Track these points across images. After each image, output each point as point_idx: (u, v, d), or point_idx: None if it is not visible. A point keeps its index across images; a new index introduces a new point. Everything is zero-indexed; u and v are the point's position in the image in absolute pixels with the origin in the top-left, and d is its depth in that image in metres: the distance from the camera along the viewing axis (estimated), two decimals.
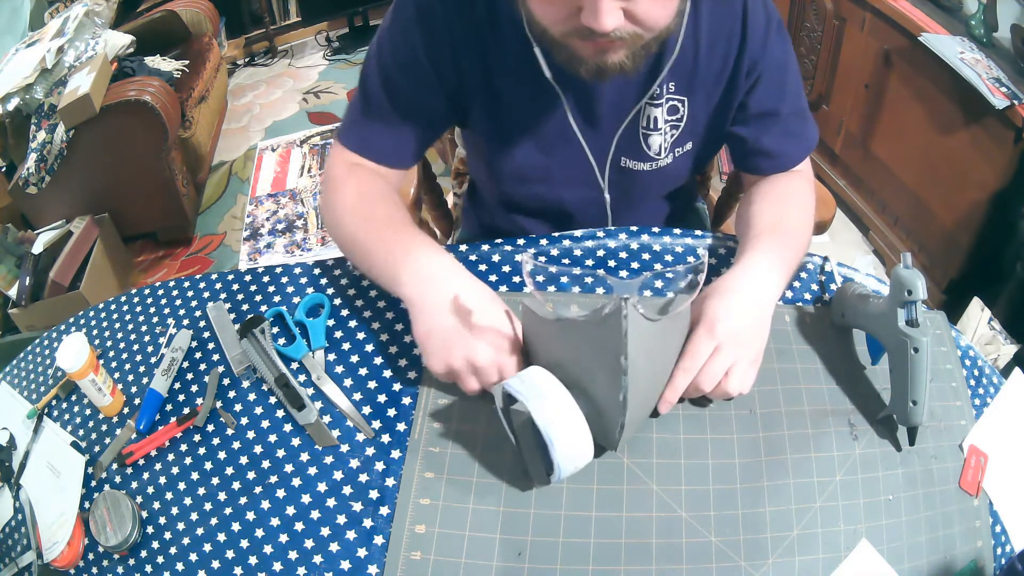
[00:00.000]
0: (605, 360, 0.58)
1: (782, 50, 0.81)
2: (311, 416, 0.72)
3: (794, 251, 0.77)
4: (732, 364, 0.66)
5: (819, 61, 2.01)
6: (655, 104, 0.81)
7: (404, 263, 0.72)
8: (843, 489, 0.65)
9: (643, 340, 0.58)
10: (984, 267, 1.62)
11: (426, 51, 0.78)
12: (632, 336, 0.56)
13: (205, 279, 0.89)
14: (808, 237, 0.82)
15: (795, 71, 0.84)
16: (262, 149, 2.74)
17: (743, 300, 0.69)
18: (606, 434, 0.62)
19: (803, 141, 0.87)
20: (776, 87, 0.82)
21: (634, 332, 0.56)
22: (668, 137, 0.84)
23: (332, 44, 3.33)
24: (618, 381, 0.57)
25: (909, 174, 1.81)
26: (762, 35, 0.79)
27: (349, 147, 0.84)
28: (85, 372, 0.73)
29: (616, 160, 0.87)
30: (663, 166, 0.87)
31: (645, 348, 0.58)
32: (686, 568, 0.61)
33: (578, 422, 0.60)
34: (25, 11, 2.44)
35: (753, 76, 0.81)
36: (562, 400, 0.60)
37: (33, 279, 1.90)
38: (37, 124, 2.09)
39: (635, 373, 0.57)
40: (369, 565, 0.63)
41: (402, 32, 0.79)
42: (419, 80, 0.80)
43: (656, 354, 0.63)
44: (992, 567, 0.65)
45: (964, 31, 1.62)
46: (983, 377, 0.77)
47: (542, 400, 0.60)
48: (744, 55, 0.79)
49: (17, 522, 0.74)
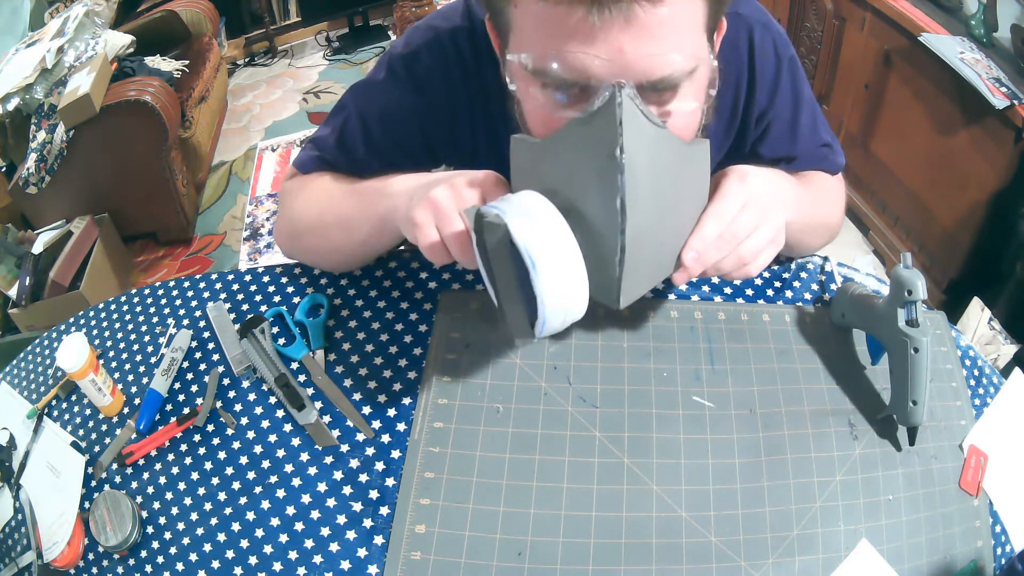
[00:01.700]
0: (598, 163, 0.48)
1: (793, 93, 0.76)
2: (311, 416, 0.72)
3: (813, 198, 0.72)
4: (756, 227, 0.58)
5: (819, 61, 2.01)
6: None
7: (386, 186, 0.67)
8: (843, 489, 0.65)
9: (644, 141, 0.48)
10: (984, 267, 1.62)
11: (418, 116, 0.75)
12: (628, 127, 0.47)
13: (205, 279, 0.89)
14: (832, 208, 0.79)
15: (810, 110, 0.79)
16: (262, 149, 2.75)
17: (766, 173, 0.62)
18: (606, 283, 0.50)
19: (827, 161, 0.83)
20: (787, 134, 0.79)
21: (630, 123, 0.47)
22: None
23: (332, 44, 3.33)
24: (614, 183, 0.47)
25: (909, 174, 1.82)
26: (771, 82, 0.75)
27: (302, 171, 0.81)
28: (85, 372, 0.73)
29: None
30: None
31: (647, 153, 0.48)
32: (686, 568, 0.61)
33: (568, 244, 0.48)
34: (25, 11, 2.44)
35: (763, 124, 0.78)
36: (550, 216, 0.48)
37: (33, 279, 1.90)
38: (37, 124, 2.10)
39: (635, 180, 0.47)
40: (369, 565, 0.63)
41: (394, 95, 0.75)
42: (403, 140, 0.77)
43: (664, 178, 0.51)
44: (992, 567, 0.65)
45: (964, 31, 1.63)
46: (983, 377, 0.77)
47: (525, 216, 0.48)
48: (753, 105, 0.75)
49: (17, 522, 0.74)
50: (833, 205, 0.82)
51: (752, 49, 0.73)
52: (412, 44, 0.75)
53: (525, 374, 0.72)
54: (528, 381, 0.71)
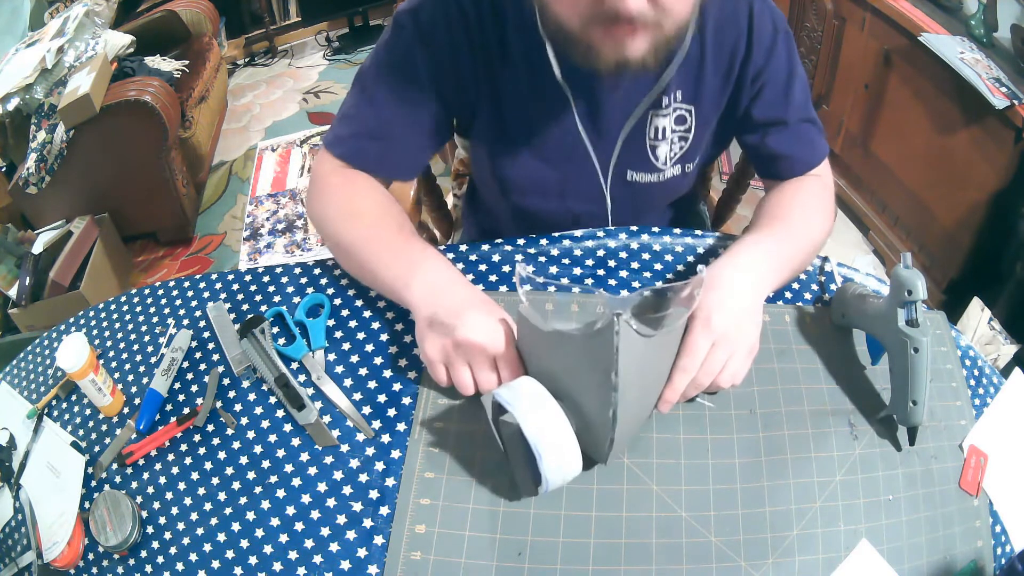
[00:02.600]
0: (596, 375, 0.57)
1: (788, 60, 0.80)
2: (311, 416, 0.72)
3: (793, 244, 0.76)
4: (728, 357, 0.66)
5: (819, 61, 2.01)
6: (662, 114, 0.81)
7: (414, 273, 0.72)
8: (843, 489, 0.65)
9: (635, 356, 0.56)
10: (984, 267, 1.62)
11: (427, 68, 0.77)
12: (623, 352, 0.55)
13: (205, 279, 0.89)
14: (816, 233, 0.80)
15: (802, 82, 0.83)
16: (262, 149, 2.75)
17: (734, 290, 0.68)
18: (596, 447, 0.61)
19: (816, 147, 0.86)
20: (781, 96, 0.82)
21: (626, 348, 0.55)
22: (676, 148, 0.84)
23: (332, 44, 3.33)
24: (608, 397, 0.56)
25: (909, 174, 1.81)
26: (768, 44, 0.78)
27: (340, 156, 0.82)
28: (85, 372, 0.73)
29: (621, 172, 0.86)
30: (668, 178, 0.87)
31: (637, 363, 0.57)
32: (686, 568, 0.61)
33: (567, 435, 0.59)
34: (25, 11, 2.44)
35: (757, 85, 0.80)
36: (552, 412, 0.59)
37: (33, 279, 1.90)
38: (37, 124, 2.10)
39: (626, 389, 0.56)
40: (369, 565, 0.63)
41: (402, 49, 0.78)
42: (418, 97, 0.79)
43: (649, 367, 0.62)
44: (992, 567, 0.65)
45: (964, 31, 1.63)
46: (983, 377, 0.77)
47: (531, 412, 0.59)
48: (749, 64, 0.79)
49: (17, 522, 0.74)
50: (815, 211, 0.83)
51: (751, 18, 0.78)
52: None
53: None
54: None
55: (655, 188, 0.88)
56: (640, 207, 0.92)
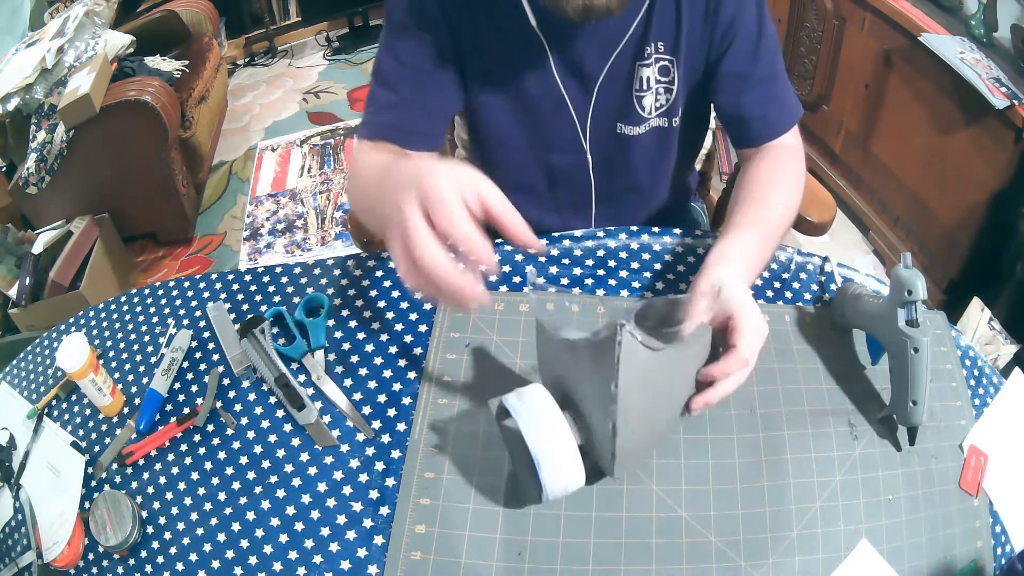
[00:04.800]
0: (599, 385, 0.56)
1: (758, 15, 0.81)
2: (311, 416, 0.72)
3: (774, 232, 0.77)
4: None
5: (819, 61, 2.01)
6: (646, 64, 0.82)
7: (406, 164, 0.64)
8: (843, 489, 0.65)
9: (638, 368, 0.55)
10: (984, 267, 1.62)
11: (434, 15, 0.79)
12: (625, 364, 0.53)
13: (205, 279, 0.89)
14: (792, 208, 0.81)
15: (771, 39, 0.83)
16: (262, 149, 2.75)
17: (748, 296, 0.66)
18: (603, 459, 0.60)
19: (785, 107, 0.86)
20: (750, 52, 0.82)
21: (627, 359, 0.54)
22: (662, 100, 0.85)
23: (332, 44, 3.33)
24: (609, 408, 0.55)
25: (909, 174, 1.81)
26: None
27: (365, 137, 0.83)
28: (85, 372, 0.73)
29: (605, 123, 0.87)
30: (652, 128, 0.87)
31: (640, 376, 0.56)
32: (686, 568, 0.61)
33: (569, 448, 0.58)
34: (25, 11, 2.44)
35: (728, 38, 0.81)
36: (555, 423, 0.58)
37: (33, 279, 1.90)
38: (37, 124, 2.09)
39: (628, 401, 0.55)
40: (369, 565, 0.63)
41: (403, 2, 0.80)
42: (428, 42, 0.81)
43: (661, 381, 0.60)
44: (992, 567, 0.65)
45: (964, 31, 1.63)
46: (983, 377, 0.77)
47: (535, 422, 0.58)
48: (720, 15, 0.80)
49: (17, 522, 0.74)
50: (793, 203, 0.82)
51: None
52: None
53: (525, 374, 0.72)
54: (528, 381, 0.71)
55: (636, 144, 0.88)
56: (621, 164, 0.92)
